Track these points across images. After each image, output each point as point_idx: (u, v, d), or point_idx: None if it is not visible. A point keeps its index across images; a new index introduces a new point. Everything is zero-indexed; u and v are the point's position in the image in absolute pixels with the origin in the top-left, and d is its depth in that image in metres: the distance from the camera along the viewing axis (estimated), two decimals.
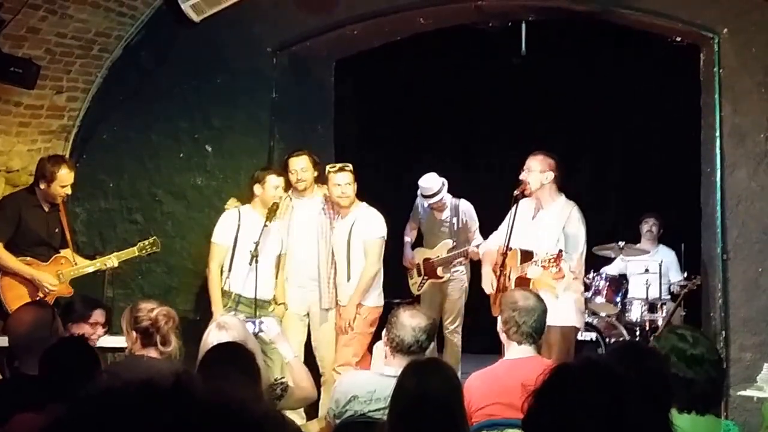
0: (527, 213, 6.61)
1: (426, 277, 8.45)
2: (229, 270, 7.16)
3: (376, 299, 7.21)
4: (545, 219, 6.59)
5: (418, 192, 8.41)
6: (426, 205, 8.42)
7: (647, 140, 9.78)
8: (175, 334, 4.89)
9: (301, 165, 7.44)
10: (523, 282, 6.28)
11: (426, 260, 8.46)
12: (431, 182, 8.26)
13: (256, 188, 7.25)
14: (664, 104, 9.51)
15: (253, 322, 5.20)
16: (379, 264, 7.13)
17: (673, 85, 8.94)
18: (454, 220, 8.39)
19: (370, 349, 7.01)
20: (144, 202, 8.12)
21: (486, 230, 7.73)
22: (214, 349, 4.12)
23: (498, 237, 6.84)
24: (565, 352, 6.22)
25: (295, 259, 7.45)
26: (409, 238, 8.63)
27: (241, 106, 8.00)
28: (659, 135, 9.63)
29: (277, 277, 7.36)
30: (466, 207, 8.46)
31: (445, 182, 8.31)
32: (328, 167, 7.40)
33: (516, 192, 6.54)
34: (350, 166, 7.28)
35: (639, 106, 9.89)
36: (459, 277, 8.44)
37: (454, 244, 8.32)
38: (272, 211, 7.21)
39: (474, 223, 8.39)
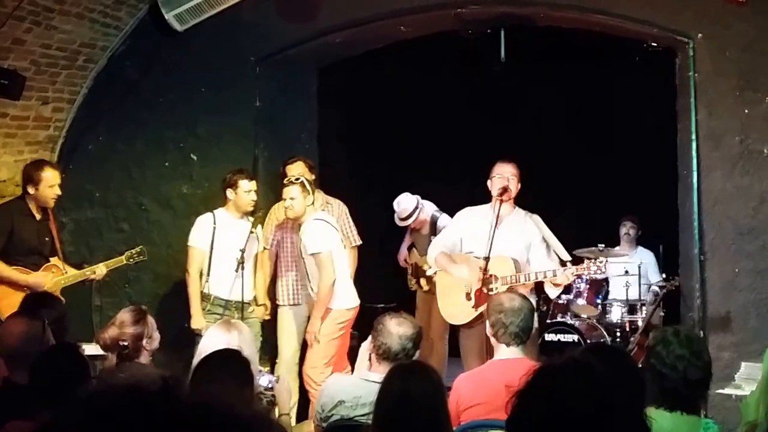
0: (487, 220, 6.48)
1: (418, 281, 8.52)
2: (208, 273, 7.14)
3: (343, 301, 7.09)
4: (512, 226, 6.50)
5: (395, 216, 8.35)
6: (399, 224, 8.40)
7: (625, 144, 9.80)
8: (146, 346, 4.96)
9: (297, 171, 7.44)
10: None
11: (418, 265, 8.46)
12: (405, 203, 8.23)
13: (229, 192, 7.23)
14: (641, 108, 9.54)
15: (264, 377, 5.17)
16: (333, 274, 6.97)
17: (649, 90, 8.96)
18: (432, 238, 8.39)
19: (353, 354, 7.00)
20: (130, 211, 8.10)
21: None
22: (210, 355, 4.11)
23: (444, 241, 6.74)
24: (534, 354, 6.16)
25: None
26: (406, 243, 8.63)
27: (225, 116, 7.98)
28: (637, 139, 9.65)
29: (255, 277, 7.36)
30: (446, 221, 8.42)
31: (421, 201, 8.27)
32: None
33: (498, 196, 6.45)
34: (302, 179, 7.09)
35: (617, 110, 9.92)
36: None
37: None
38: (257, 219, 7.21)
39: None
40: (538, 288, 6.79)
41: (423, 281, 8.46)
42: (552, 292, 6.63)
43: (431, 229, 8.28)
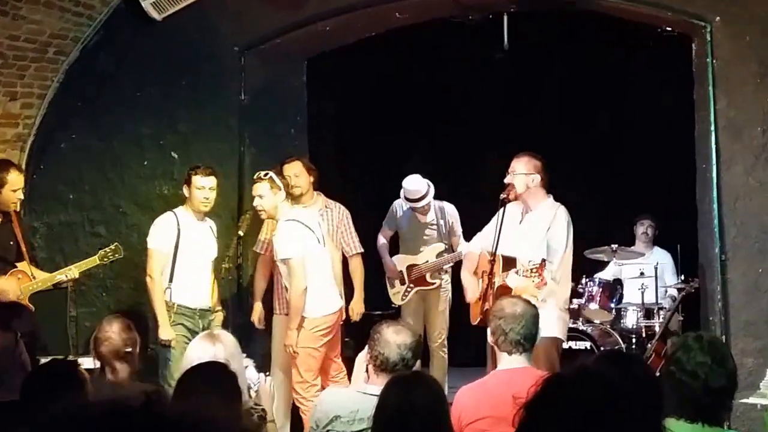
0: (514, 217, 6.61)
1: (412, 286, 8.42)
2: (170, 279, 7.12)
3: (318, 308, 7.02)
4: (531, 223, 6.60)
5: (401, 195, 8.35)
6: (407, 207, 8.38)
7: (639, 136, 9.82)
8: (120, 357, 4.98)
9: (294, 171, 7.44)
10: (505, 291, 6.29)
11: (411, 267, 8.42)
12: (418, 184, 8.22)
13: (185, 189, 7.21)
14: (655, 98, 9.56)
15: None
16: (303, 281, 6.88)
17: (664, 78, 8.98)
18: (441, 222, 8.38)
19: (349, 365, 6.99)
20: (107, 214, 8.09)
21: (468, 235, 7.75)
22: (194, 368, 4.12)
23: (481, 240, 6.83)
24: (548, 366, 6.18)
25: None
26: (385, 245, 8.55)
27: (208, 110, 7.98)
28: (651, 131, 9.67)
29: (213, 283, 7.36)
30: (452, 210, 8.45)
31: (431, 184, 8.29)
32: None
33: (502, 195, 6.52)
34: (270, 175, 6.97)
35: (629, 100, 9.93)
36: (444, 286, 8.44)
37: (446, 247, 8.33)
38: (246, 220, 7.20)
39: (459, 227, 8.39)
40: None
41: (394, 293, 8.43)
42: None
43: (437, 215, 8.29)
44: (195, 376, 3.98)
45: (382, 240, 8.51)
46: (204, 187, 7.15)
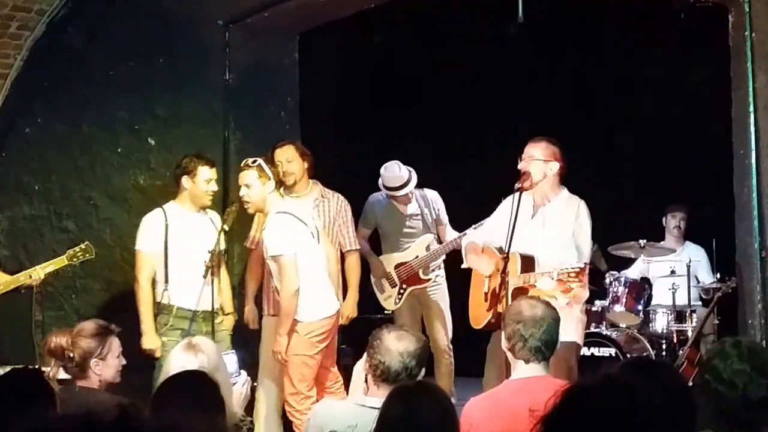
0: (525, 210, 6.58)
1: (404, 286, 8.39)
2: (166, 281, 7.15)
3: (313, 312, 6.98)
4: (548, 218, 6.56)
5: (380, 185, 8.29)
6: (385, 198, 8.35)
7: (668, 120, 9.81)
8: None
9: (286, 156, 7.44)
10: (521, 293, 6.28)
11: (400, 266, 8.39)
12: (398, 171, 8.19)
13: (185, 181, 7.19)
14: (686, 77, 9.55)
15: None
16: (295, 281, 6.84)
17: (697, 54, 8.98)
18: (426, 211, 8.36)
19: (346, 375, 6.99)
20: (76, 206, 8.09)
21: (464, 224, 7.81)
22: (172, 378, 4.12)
23: (485, 235, 6.79)
24: (567, 375, 6.18)
25: None
26: (364, 245, 8.40)
27: (188, 91, 7.98)
28: (682, 113, 9.66)
29: (220, 283, 7.36)
30: (435, 196, 8.42)
31: (412, 170, 8.26)
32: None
33: (517, 185, 6.48)
34: (259, 162, 6.96)
35: (658, 78, 9.92)
36: (439, 281, 8.41)
37: (436, 237, 8.32)
38: (232, 213, 7.20)
39: (446, 215, 8.36)
40: None
41: (385, 298, 8.40)
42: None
43: (422, 204, 8.28)
44: (173, 388, 3.98)
45: (359, 243, 8.35)
46: (211, 179, 7.19)
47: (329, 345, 7.14)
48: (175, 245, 7.14)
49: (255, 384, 7.61)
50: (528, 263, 6.40)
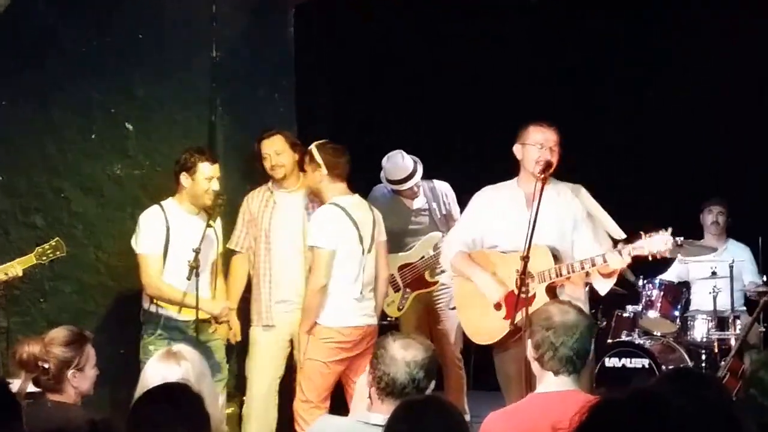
0: (517, 201, 6.55)
1: (408, 290, 8.39)
2: None
3: (333, 318, 7.10)
4: (552, 209, 6.51)
5: (382, 179, 8.31)
6: (389, 192, 8.36)
7: (703, 103, 9.78)
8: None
9: (274, 147, 7.49)
10: (550, 292, 6.30)
11: (404, 268, 8.38)
12: (402, 162, 8.20)
13: (183, 178, 7.25)
14: (725, 54, 9.51)
15: None
16: (324, 278, 7.01)
17: (735, 27, 8.95)
18: (434, 205, 8.36)
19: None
20: (45, 200, 8.08)
21: None
22: (150, 392, 4.11)
23: (464, 234, 6.75)
24: (588, 387, 6.16)
25: (275, 270, 7.50)
26: None
27: (172, 71, 7.98)
28: (721, 96, 9.64)
29: (215, 288, 7.41)
30: (446, 188, 8.44)
31: (418, 161, 8.27)
32: None
33: (542, 175, 6.44)
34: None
35: (692, 56, 9.89)
36: (448, 283, 8.39)
37: (444, 235, 8.33)
38: (215, 209, 7.22)
39: (458, 208, 8.30)
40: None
41: (389, 303, 8.38)
42: (601, 286, 6.57)
43: (430, 197, 8.29)
44: (151, 402, 3.98)
45: None
46: (212, 177, 7.23)
47: (356, 358, 7.12)
48: (173, 249, 7.18)
49: (243, 398, 7.65)
50: (542, 257, 6.39)
